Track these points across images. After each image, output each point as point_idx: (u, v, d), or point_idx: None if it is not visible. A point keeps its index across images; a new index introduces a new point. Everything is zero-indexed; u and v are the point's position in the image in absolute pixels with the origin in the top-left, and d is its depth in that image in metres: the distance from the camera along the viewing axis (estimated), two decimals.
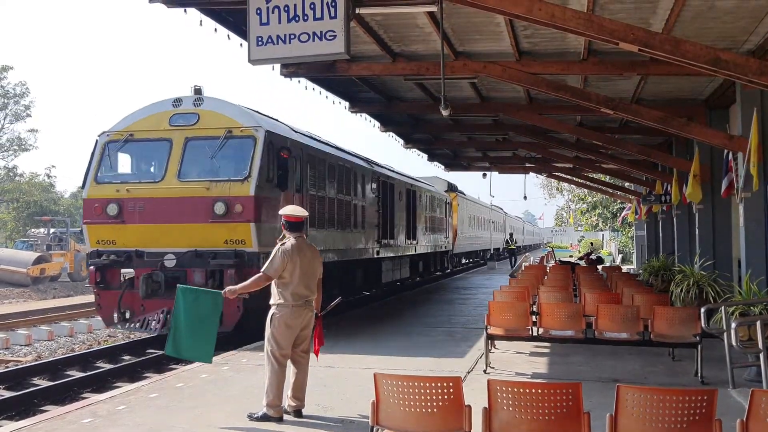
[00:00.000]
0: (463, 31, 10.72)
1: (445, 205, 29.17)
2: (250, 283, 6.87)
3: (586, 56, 11.22)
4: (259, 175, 10.98)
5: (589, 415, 4.21)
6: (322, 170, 13.81)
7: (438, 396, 4.40)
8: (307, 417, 6.71)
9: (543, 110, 15.77)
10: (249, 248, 10.82)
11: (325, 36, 7.24)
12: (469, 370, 8.90)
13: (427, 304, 17.59)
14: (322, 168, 13.83)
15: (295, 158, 12.25)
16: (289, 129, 13.19)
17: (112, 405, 7.18)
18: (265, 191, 11.11)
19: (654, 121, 12.46)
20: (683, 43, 7.69)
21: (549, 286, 13.02)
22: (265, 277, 6.71)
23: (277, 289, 6.70)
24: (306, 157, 12.91)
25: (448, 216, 30.04)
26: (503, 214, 57.69)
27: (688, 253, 17.02)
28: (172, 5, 9.06)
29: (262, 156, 11.09)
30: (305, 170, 12.79)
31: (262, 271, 6.74)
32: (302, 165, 12.64)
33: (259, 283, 6.78)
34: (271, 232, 10.72)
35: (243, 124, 11.38)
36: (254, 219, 10.83)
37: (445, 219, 29.11)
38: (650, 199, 21.24)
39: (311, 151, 13.47)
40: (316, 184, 13.45)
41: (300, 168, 12.54)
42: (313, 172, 13.36)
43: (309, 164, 13.10)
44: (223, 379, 8.40)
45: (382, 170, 19.05)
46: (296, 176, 12.36)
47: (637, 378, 8.47)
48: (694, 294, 12.06)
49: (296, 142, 12.68)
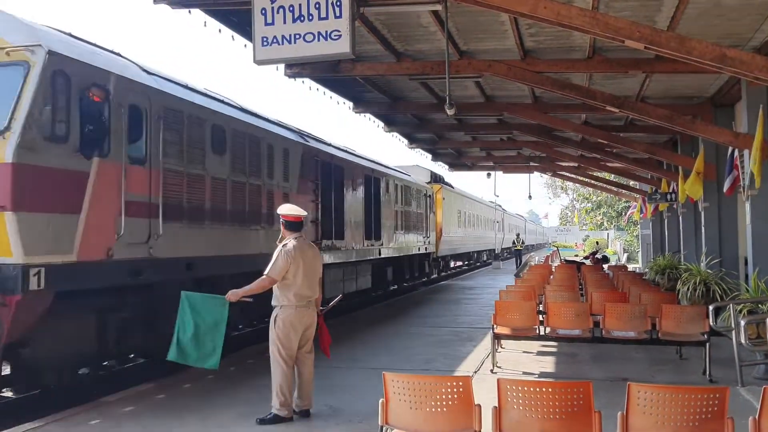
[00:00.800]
0: (468, 30, 10.70)
1: (425, 199, 24.39)
2: (254, 286, 6.74)
3: (591, 54, 11.21)
4: (29, 128, 6.62)
5: (600, 413, 4.19)
6: (196, 135, 9.39)
7: (447, 395, 4.38)
8: (315, 417, 6.70)
9: (548, 109, 15.74)
10: (5, 258, 6.46)
11: (330, 36, 7.23)
12: (476, 370, 8.88)
13: (432, 304, 17.56)
14: (197, 131, 9.42)
15: (135, 109, 8.14)
16: (118, 59, 8.57)
17: (121, 406, 7.18)
18: (42, 156, 6.76)
19: (659, 119, 12.43)
20: (689, 41, 7.65)
21: (555, 286, 13.01)
22: (269, 279, 6.64)
23: (279, 290, 6.66)
24: (161, 111, 8.63)
25: (430, 212, 25.28)
26: (501, 212, 53.74)
27: (695, 252, 16.99)
28: (177, 6, 9.05)
29: (38, 94, 6.73)
30: (159, 131, 8.50)
31: (266, 273, 6.66)
32: (152, 122, 8.43)
33: (264, 286, 6.71)
34: (53, 230, 6.83)
35: (11, 42, 6.95)
36: (14, 205, 6.45)
37: (426, 215, 24.38)
38: (656, 197, 21.19)
39: (172, 102, 8.96)
40: (183, 155, 9.04)
41: (149, 127, 8.37)
42: (177, 136, 8.95)
43: (168, 122, 8.76)
44: (231, 380, 8.40)
45: (324, 147, 14.47)
46: (142, 138, 8.25)
47: (645, 377, 8.44)
48: (701, 292, 12.05)
49: (133, 82, 8.19)
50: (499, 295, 11.43)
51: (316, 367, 6.92)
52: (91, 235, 7.27)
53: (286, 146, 12.08)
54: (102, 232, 7.48)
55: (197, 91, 10.16)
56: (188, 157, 9.17)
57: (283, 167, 11.90)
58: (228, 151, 10.16)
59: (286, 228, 6.88)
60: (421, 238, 23.33)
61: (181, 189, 8.96)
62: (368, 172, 17.26)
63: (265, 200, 11.16)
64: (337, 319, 14.71)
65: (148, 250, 8.20)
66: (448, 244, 29.18)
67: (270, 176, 11.42)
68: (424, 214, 24.13)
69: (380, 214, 17.99)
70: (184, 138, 9.10)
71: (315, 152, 13.47)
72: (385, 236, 18.38)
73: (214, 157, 9.78)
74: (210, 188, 9.61)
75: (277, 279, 6.61)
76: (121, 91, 7.86)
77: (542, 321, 9.39)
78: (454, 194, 32.16)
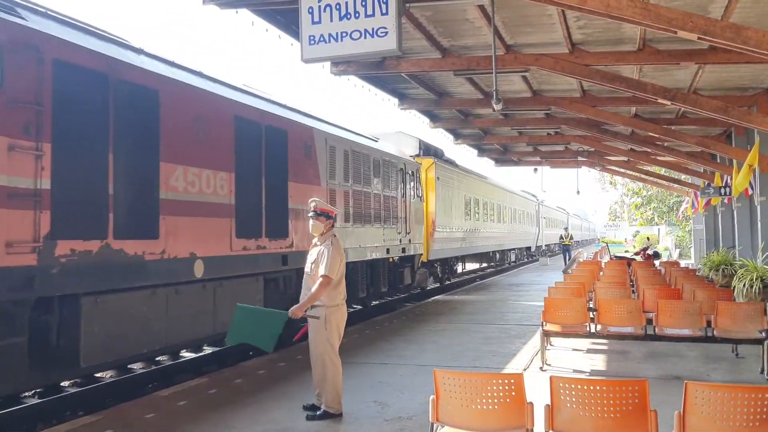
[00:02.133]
0: (514, 24, 10.59)
1: (403, 177, 16.49)
2: (316, 293, 6.43)
3: (641, 46, 10.98)
4: None
5: (656, 412, 4.10)
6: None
7: (499, 393, 4.35)
8: (364, 414, 6.73)
9: (596, 102, 15.48)
10: None
11: (377, 33, 7.24)
12: (525, 368, 8.80)
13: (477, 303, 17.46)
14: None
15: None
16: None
17: (174, 401, 7.33)
18: None
19: (713, 111, 12.12)
20: (745, 30, 7.43)
21: (606, 282, 12.79)
22: (329, 280, 6.44)
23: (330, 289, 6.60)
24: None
25: (412, 197, 17.30)
26: (535, 202, 44.08)
27: (750, 247, 16.52)
28: (225, 6, 9.19)
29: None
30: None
31: (325, 274, 6.43)
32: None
33: (326, 289, 6.47)
34: None
35: None
36: None
37: (405, 202, 16.59)
38: (709, 191, 20.66)
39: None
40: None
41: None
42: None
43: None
44: (281, 375, 8.49)
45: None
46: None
47: (700, 375, 8.23)
48: (758, 289, 11.68)
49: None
50: (548, 292, 11.31)
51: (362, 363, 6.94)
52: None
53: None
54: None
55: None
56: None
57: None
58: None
59: (330, 224, 6.80)
60: (394, 235, 15.71)
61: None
62: (267, 123, 10.18)
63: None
64: (384, 316, 14.75)
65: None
66: (444, 243, 21.21)
67: None
68: (405, 202, 16.68)
69: (286, 194, 10.63)
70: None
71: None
72: (295, 232, 10.78)
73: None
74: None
75: (335, 279, 6.52)
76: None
77: (593, 318, 9.24)
78: (456, 174, 23.42)
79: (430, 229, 19.59)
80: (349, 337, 11.16)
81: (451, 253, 22.65)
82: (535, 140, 22.59)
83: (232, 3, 9.43)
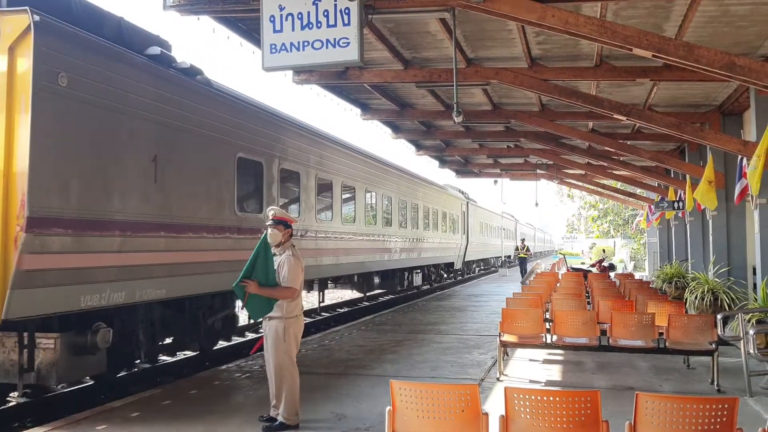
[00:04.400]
0: (475, 38, 10.72)
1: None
2: (278, 292, 6.47)
3: (598, 62, 11.21)
4: None
5: (608, 423, 4.17)
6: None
7: (455, 404, 4.37)
8: (321, 425, 6.69)
9: (555, 117, 15.73)
10: None
11: (339, 43, 7.25)
12: (483, 378, 8.85)
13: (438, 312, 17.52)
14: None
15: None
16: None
17: (126, 412, 7.19)
18: None
19: (667, 127, 12.41)
20: (697, 49, 7.66)
21: (562, 294, 12.95)
22: (293, 291, 6.49)
23: (289, 301, 6.59)
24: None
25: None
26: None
27: (702, 260, 16.94)
28: (187, 13, 9.09)
29: None
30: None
31: (289, 285, 6.46)
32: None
33: (286, 297, 6.49)
34: None
35: None
36: None
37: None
38: (663, 205, 21.13)
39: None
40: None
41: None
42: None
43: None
44: (237, 387, 8.40)
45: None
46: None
47: (652, 386, 8.40)
48: (709, 301, 12.00)
49: None
50: (506, 302, 11.41)
51: (321, 374, 6.91)
52: None
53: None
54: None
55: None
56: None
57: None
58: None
59: (285, 232, 6.74)
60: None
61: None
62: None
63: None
64: (341, 329, 14.72)
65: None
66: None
67: None
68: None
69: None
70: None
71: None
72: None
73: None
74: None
75: (298, 291, 6.55)
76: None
77: (549, 329, 9.36)
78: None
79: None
80: (308, 348, 11.10)
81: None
82: (495, 153, 22.83)
83: (193, 9, 9.32)
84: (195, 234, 9.18)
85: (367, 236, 17.44)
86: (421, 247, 23.94)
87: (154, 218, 8.34)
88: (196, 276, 9.18)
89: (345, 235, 15.60)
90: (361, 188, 16.87)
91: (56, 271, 6.81)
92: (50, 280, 6.72)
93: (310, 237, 13.31)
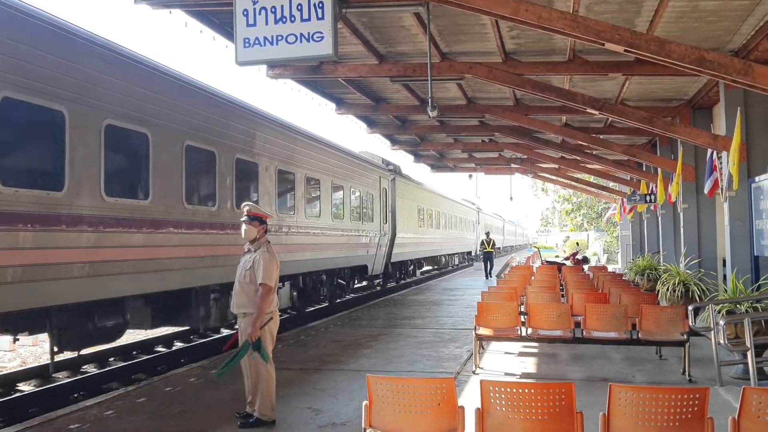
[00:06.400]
0: (449, 32, 10.73)
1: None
2: (262, 304, 6.36)
3: (571, 57, 11.30)
4: None
5: (582, 414, 4.21)
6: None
7: (431, 397, 4.39)
8: (298, 420, 6.67)
9: (529, 111, 15.84)
10: None
11: (313, 37, 7.21)
12: (459, 371, 8.90)
13: (414, 306, 17.57)
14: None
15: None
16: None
17: (100, 410, 7.11)
18: None
19: (639, 121, 12.56)
20: (668, 44, 7.74)
21: (537, 287, 13.07)
22: (269, 289, 6.40)
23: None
24: None
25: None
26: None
27: (674, 253, 17.17)
28: (158, 6, 8.99)
29: None
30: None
31: (263, 283, 6.36)
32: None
33: (267, 300, 6.40)
34: None
35: None
36: None
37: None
38: (635, 198, 21.39)
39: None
40: None
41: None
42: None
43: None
44: (212, 383, 8.34)
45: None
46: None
47: (626, 377, 8.50)
48: (681, 293, 12.15)
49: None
50: (481, 296, 11.47)
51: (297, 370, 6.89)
52: None
53: None
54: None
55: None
56: None
57: None
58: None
59: (260, 228, 6.67)
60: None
61: None
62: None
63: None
64: (318, 324, 14.70)
65: None
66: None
67: None
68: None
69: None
70: None
71: None
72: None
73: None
74: None
75: (274, 286, 6.46)
76: None
77: (524, 322, 9.43)
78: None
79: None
80: (284, 344, 11.06)
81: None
82: (469, 147, 22.93)
83: (165, 3, 9.23)
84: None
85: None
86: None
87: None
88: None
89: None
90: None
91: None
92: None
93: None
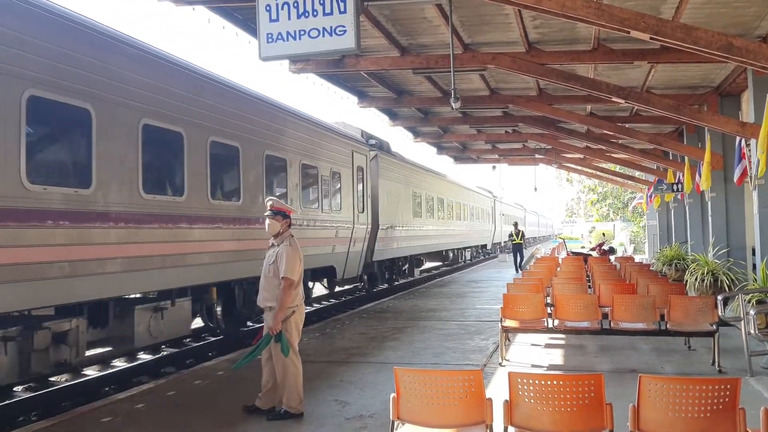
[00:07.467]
0: (472, 23, 10.68)
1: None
2: (284, 298, 6.40)
3: (596, 45, 11.18)
4: None
5: (611, 405, 4.19)
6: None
7: (459, 389, 4.39)
8: (325, 412, 6.72)
9: (553, 101, 15.71)
10: None
11: (335, 31, 7.21)
12: (485, 364, 8.88)
13: (439, 298, 17.56)
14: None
15: None
16: None
17: (131, 404, 7.21)
18: None
19: (665, 110, 12.39)
20: (695, 30, 7.62)
21: (563, 278, 12.99)
22: (291, 282, 6.40)
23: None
24: None
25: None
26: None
27: (702, 242, 16.97)
28: (181, 3, 9.06)
29: None
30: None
31: (286, 277, 6.38)
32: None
33: (289, 293, 6.42)
34: None
35: None
36: None
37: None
38: (662, 188, 21.15)
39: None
40: None
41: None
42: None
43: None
44: (240, 377, 8.41)
45: None
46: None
47: (654, 368, 8.43)
48: (709, 283, 12.02)
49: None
50: (506, 288, 11.43)
51: (323, 362, 6.92)
52: None
53: None
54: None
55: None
56: None
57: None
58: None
59: (283, 222, 6.71)
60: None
61: None
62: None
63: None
64: (342, 317, 14.75)
65: None
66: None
67: None
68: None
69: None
70: None
71: None
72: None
73: None
74: None
75: (297, 280, 6.47)
76: None
77: (550, 314, 9.38)
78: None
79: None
80: (310, 337, 11.13)
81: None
82: (493, 138, 22.81)
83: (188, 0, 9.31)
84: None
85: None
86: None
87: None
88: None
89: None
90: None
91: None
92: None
93: None
